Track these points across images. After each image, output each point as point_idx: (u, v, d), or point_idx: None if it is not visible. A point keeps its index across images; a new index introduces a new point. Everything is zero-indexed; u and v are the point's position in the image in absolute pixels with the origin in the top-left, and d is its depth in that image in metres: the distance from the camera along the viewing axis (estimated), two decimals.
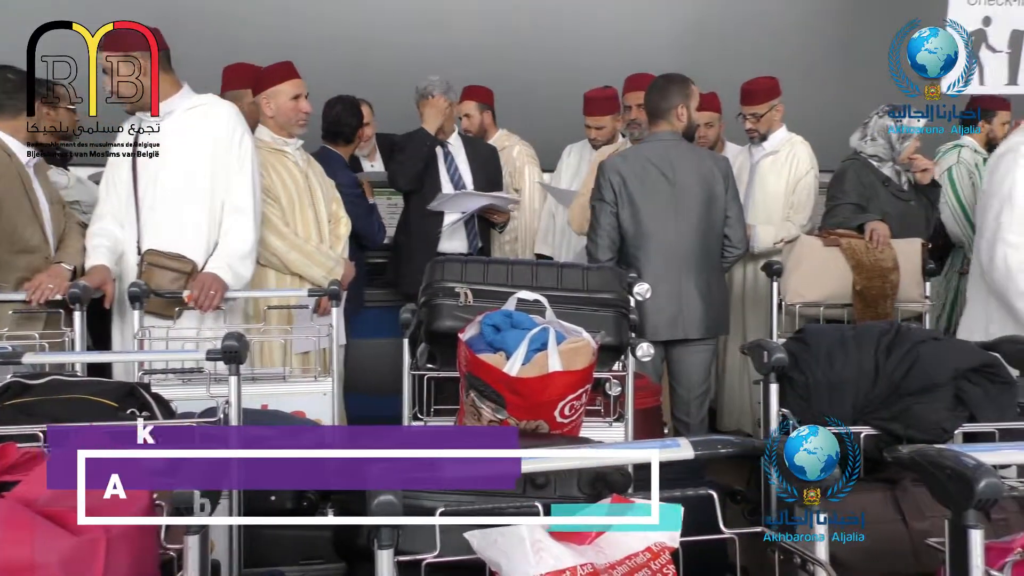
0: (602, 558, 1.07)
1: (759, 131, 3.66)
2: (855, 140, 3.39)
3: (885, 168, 3.29)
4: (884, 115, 3.30)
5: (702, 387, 3.10)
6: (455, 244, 3.63)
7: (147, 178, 2.61)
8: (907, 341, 1.74)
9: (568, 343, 1.76)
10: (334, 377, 2.49)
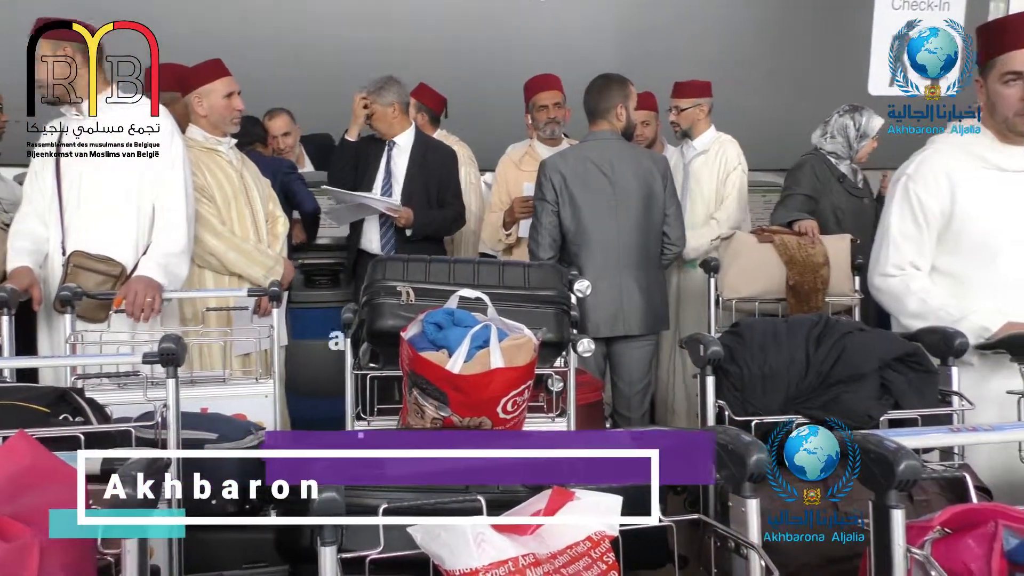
0: (544, 548, 1.09)
1: (680, 125, 3.77)
2: (816, 137, 3.54)
3: (842, 165, 3.44)
4: (845, 114, 3.47)
5: (643, 382, 3.16)
6: (369, 244, 3.58)
7: (71, 178, 2.54)
8: (835, 333, 1.80)
9: (510, 340, 1.77)
10: (276, 379, 2.46)
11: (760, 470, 1.12)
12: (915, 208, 2.08)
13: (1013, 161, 2.06)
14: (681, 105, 3.77)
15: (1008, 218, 2.04)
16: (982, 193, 2.05)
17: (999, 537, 1.13)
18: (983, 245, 2.04)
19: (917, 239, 2.09)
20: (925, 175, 2.09)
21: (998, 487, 1.80)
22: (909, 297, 2.07)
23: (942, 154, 2.10)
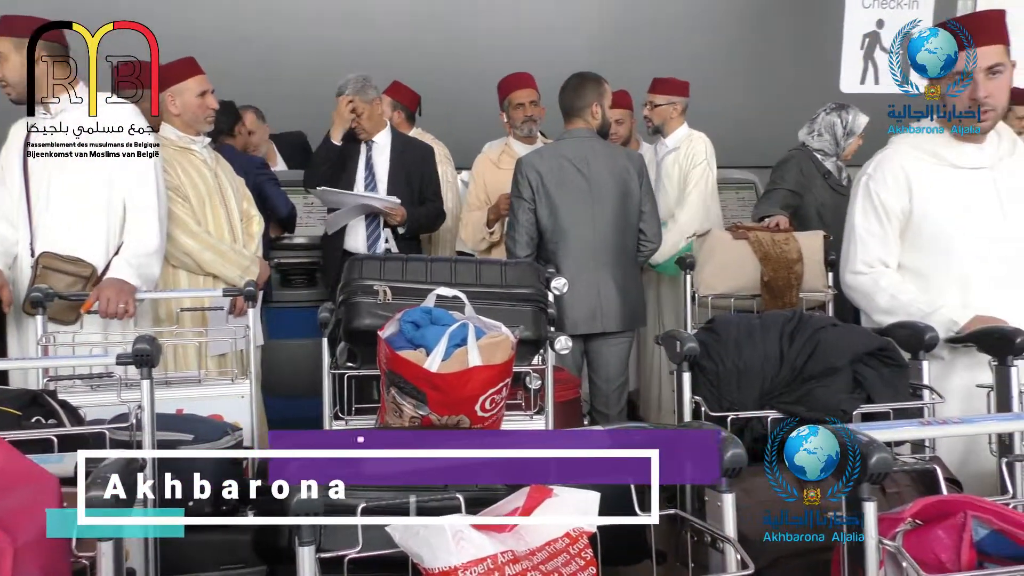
0: (522, 545, 1.10)
1: (652, 121, 3.80)
2: (803, 134, 3.59)
3: (828, 162, 3.49)
4: (832, 112, 3.53)
5: (620, 379, 3.18)
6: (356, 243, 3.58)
7: (40, 178, 2.50)
8: (808, 328, 1.82)
9: (487, 338, 1.78)
10: (252, 379, 2.45)
11: (735, 465, 1.14)
12: (876, 206, 2.13)
13: (966, 159, 2.10)
14: (656, 101, 3.80)
15: (963, 214, 2.08)
16: (937, 190, 2.09)
17: (968, 528, 1.16)
18: (940, 241, 2.08)
19: (882, 236, 2.13)
20: (884, 173, 2.13)
21: (968, 479, 1.84)
22: (879, 293, 2.11)
23: (900, 153, 2.14)
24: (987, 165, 2.10)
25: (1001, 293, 2.06)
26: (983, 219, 2.08)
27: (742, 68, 4.80)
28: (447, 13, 4.52)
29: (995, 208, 2.08)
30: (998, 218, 2.08)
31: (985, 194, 2.08)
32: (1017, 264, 2.09)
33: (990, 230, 2.07)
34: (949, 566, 1.14)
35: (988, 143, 2.11)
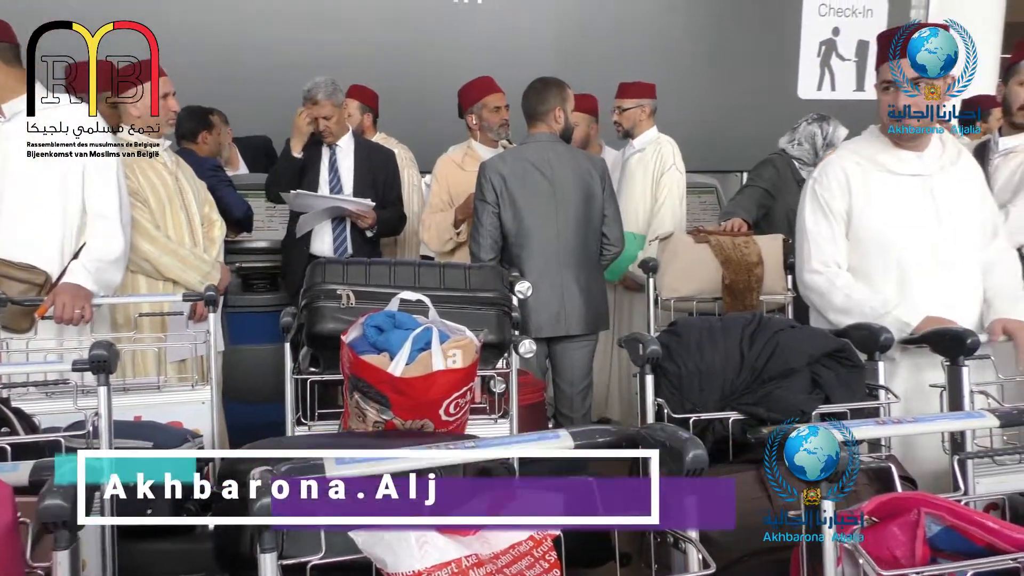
0: (486, 548, 1.10)
1: (622, 125, 3.84)
2: (783, 142, 3.67)
3: (804, 171, 3.55)
4: (813, 123, 3.61)
5: (584, 382, 3.20)
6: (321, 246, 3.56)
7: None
8: (768, 330, 1.85)
9: (451, 342, 1.78)
10: (213, 385, 2.41)
11: (697, 466, 1.15)
12: (824, 209, 2.20)
13: (902, 165, 2.17)
14: (624, 105, 3.84)
15: (899, 218, 2.15)
16: (875, 194, 2.16)
17: (922, 524, 1.19)
18: (878, 243, 2.16)
19: (831, 237, 2.20)
20: (828, 178, 2.20)
21: (923, 477, 1.88)
22: (834, 292, 2.16)
23: (842, 158, 2.22)
24: (926, 173, 2.17)
25: (937, 296, 2.13)
26: (919, 224, 2.15)
27: (703, 74, 4.86)
28: (410, 17, 4.51)
29: (931, 214, 2.15)
30: (933, 224, 2.15)
31: (922, 200, 2.15)
32: (951, 269, 2.16)
33: (926, 235, 2.15)
34: (904, 562, 1.17)
35: (929, 152, 2.18)
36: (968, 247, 2.19)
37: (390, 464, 1.17)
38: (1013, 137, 2.75)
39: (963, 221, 2.18)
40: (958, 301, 2.16)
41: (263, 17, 4.28)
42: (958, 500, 1.28)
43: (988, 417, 1.37)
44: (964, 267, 2.18)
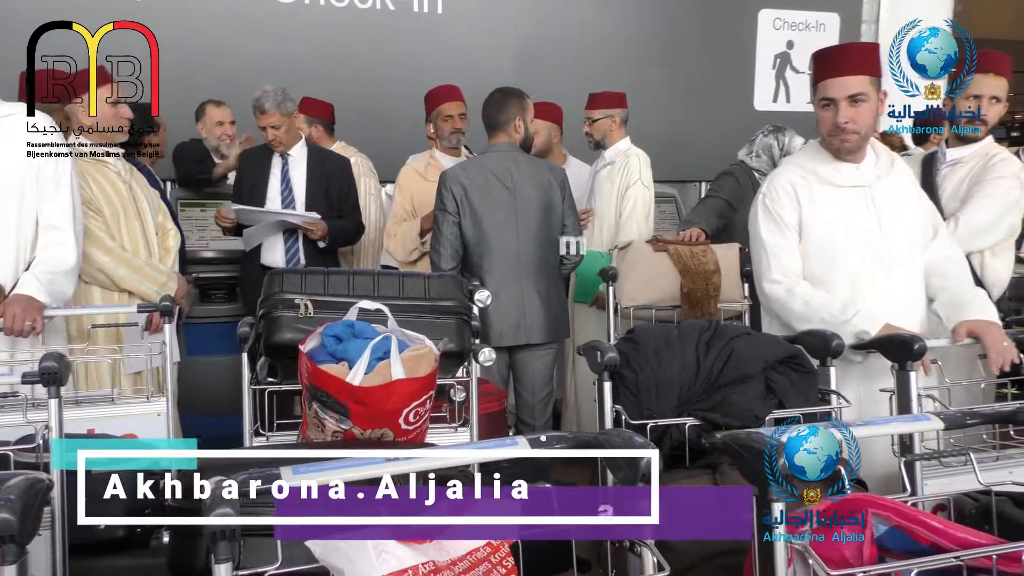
0: (444, 555, 1.10)
1: (593, 136, 3.87)
2: (742, 154, 3.72)
3: (763, 180, 3.59)
4: (769, 134, 3.67)
5: (546, 390, 3.21)
6: (273, 258, 3.54)
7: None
8: (723, 337, 1.89)
9: (410, 351, 1.78)
10: (169, 396, 2.38)
11: (651, 471, 1.17)
12: (777, 220, 2.25)
13: (842, 177, 2.25)
14: (593, 116, 3.86)
15: (845, 228, 2.22)
16: (819, 205, 2.23)
17: (869, 525, 1.22)
18: (827, 253, 2.22)
19: (787, 247, 2.25)
20: (777, 191, 2.27)
21: (876, 479, 1.93)
22: (793, 300, 2.21)
23: (787, 171, 2.29)
24: (865, 183, 2.25)
25: (884, 301, 2.19)
26: (863, 233, 2.22)
27: (661, 85, 4.93)
28: (370, 26, 4.50)
29: (873, 223, 2.23)
30: (877, 232, 2.23)
31: (864, 210, 2.23)
32: (896, 274, 2.24)
33: (870, 243, 2.22)
34: (852, 562, 1.20)
35: (866, 163, 2.26)
36: (910, 251, 2.27)
37: (347, 472, 1.17)
38: (959, 148, 2.83)
39: (904, 226, 2.26)
40: (903, 305, 2.23)
41: (220, 26, 4.24)
42: (904, 501, 1.31)
43: (934, 420, 1.41)
44: (908, 271, 2.26)
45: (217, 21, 4.18)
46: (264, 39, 4.35)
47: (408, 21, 4.54)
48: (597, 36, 4.83)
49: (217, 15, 4.21)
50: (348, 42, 4.44)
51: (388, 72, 4.42)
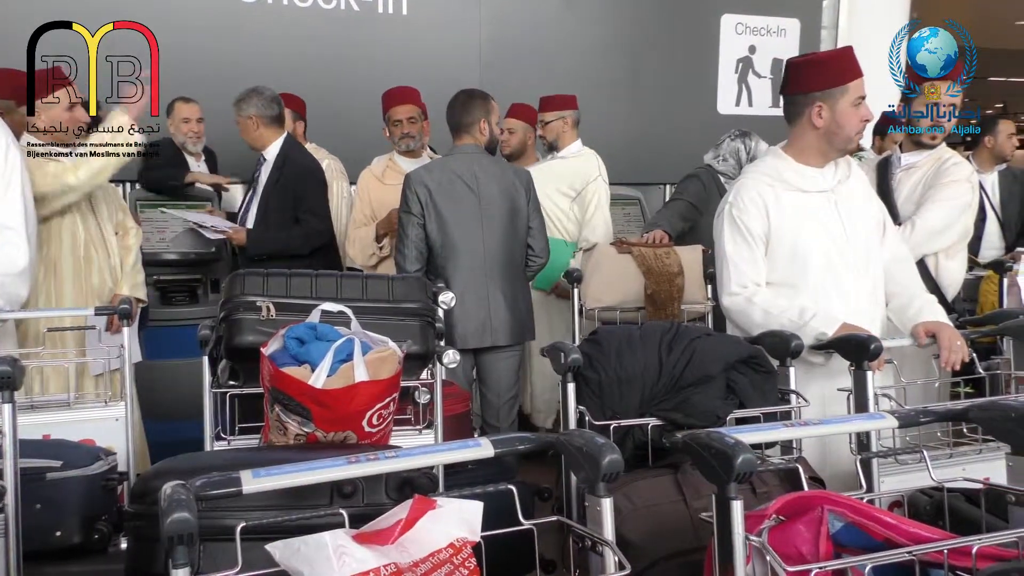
0: (406, 557, 1.10)
1: (547, 138, 3.91)
2: (708, 157, 3.76)
3: (729, 184, 3.63)
4: (736, 139, 3.71)
5: (511, 392, 3.22)
6: None
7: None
8: (685, 338, 1.90)
9: (374, 353, 1.77)
10: (128, 401, 2.34)
11: (612, 470, 1.17)
12: (743, 232, 2.26)
13: (808, 183, 2.28)
14: (546, 118, 3.90)
15: (813, 233, 2.25)
16: (790, 212, 2.25)
17: (825, 521, 1.24)
18: (795, 256, 2.25)
19: (751, 259, 2.26)
20: (744, 201, 2.27)
21: (837, 477, 1.96)
22: (753, 309, 2.23)
23: (755, 181, 2.29)
24: (828, 188, 2.28)
25: (850, 303, 2.24)
26: (830, 236, 2.26)
27: (627, 89, 4.97)
28: (335, 27, 4.47)
29: (838, 225, 2.27)
30: (841, 235, 2.27)
31: (829, 214, 2.27)
32: (860, 276, 2.28)
33: (836, 246, 2.26)
34: (809, 558, 1.22)
35: (827, 168, 2.30)
36: (871, 253, 2.31)
37: (310, 476, 1.17)
38: (914, 153, 2.90)
39: (865, 229, 2.31)
40: (867, 306, 2.28)
41: (179, 24, 4.18)
42: (860, 498, 1.33)
43: (888, 419, 1.44)
44: (870, 273, 2.30)
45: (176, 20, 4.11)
46: (226, 38, 4.31)
47: (373, 22, 4.53)
48: (562, 39, 4.85)
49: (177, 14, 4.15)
50: (312, 43, 4.41)
51: (352, 73, 4.40)
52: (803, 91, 2.22)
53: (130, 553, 1.50)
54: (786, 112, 2.31)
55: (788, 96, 2.28)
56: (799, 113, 2.24)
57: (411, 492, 1.48)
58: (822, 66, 2.23)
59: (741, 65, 5.17)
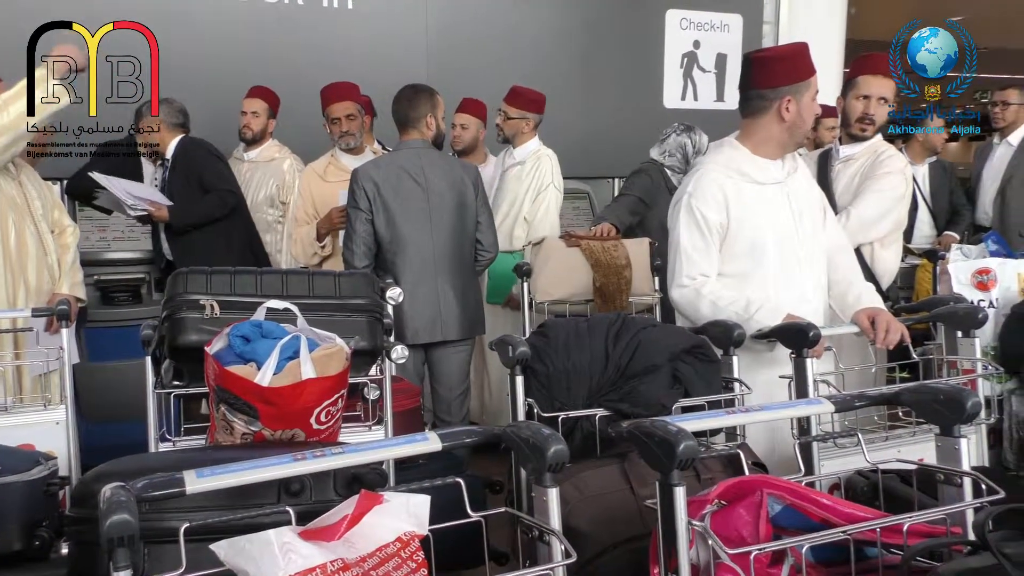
0: (353, 552, 1.10)
1: (504, 131, 3.93)
2: (655, 152, 3.80)
3: (675, 179, 3.68)
4: (682, 133, 3.76)
5: (462, 386, 3.23)
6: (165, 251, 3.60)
7: None
8: (631, 329, 1.93)
9: (321, 350, 1.76)
10: (68, 404, 2.29)
11: (557, 461, 1.19)
12: (700, 222, 2.28)
13: (765, 174, 2.32)
14: (509, 113, 3.89)
15: (769, 223, 2.29)
16: (747, 203, 2.29)
17: (764, 504, 1.27)
18: (753, 248, 2.28)
19: (705, 250, 2.28)
20: (704, 192, 2.29)
21: (784, 462, 2.01)
22: (701, 301, 2.26)
23: (714, 172, 2.31)
24: (781, 180, 2.33)
25: (799, 292, 2.30)
26: (784, 226, 2.31)
27: (573, 84, 4.99)
28: (279, 21, 4.40)
29: (790, 217, 2.32)
30: (792, 226, 2.32)
31: (783, 205, 2.31)
32: (809, 265, 2.35)
33: (789, 236, 2.31)
34: (749, 540, 1.25)
35: (779, 161, 2.35)
36: (817, 244, 2.37)
37: (254, 474, 1.16)
38: (851, 146, 2.98)
39: (811, 220, 2.36)
40: (812, 295, 2.34)
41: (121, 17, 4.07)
42: (799, 481, 1.38)
43: (825, 404, 1.48)
44: (818, 261, 2.37)
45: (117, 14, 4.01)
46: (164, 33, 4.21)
47: (317, 15, 4.47)
48: (509, 33, 4.85)
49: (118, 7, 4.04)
50: (255, 37, 4.34)
51: (297, 68, 4.33)
52: (772, 85, 2.24)
53: (72, 559, 1.47)
54: (748, 106, 2.31)
55: (753, 91, 2.29)
56: (765, 107, 2.26)
57: (360, 488, 1.48)
58: (790, 61, 2.27)
59: (686, 60, 5.24)
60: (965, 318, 2.29)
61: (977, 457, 2.24)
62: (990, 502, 1.30)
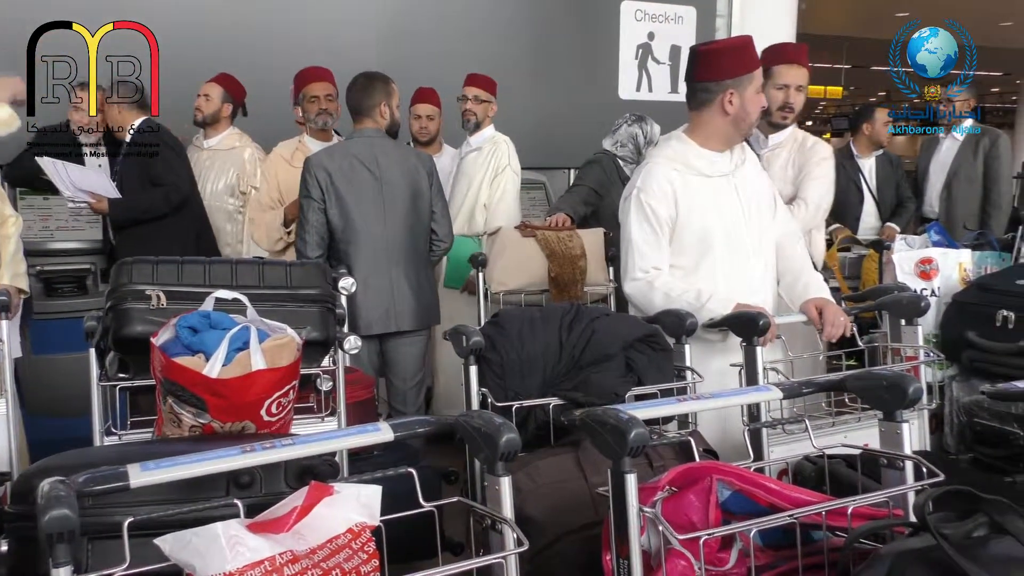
0: (302, 544, 1.09)
1: (476, 115, 3.87)
2: (607, 143, 3.81)
3: (628, 169, 3.70)
4: (633, 123, 3.77)
5: (417, 377, 3.21)
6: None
7: None
8: (584, 319, 1.94)
9: (271, 340, 1.74)
10: (8, 398, 2.22)
11: (510, 449, 1.19)
12: (649, 216, 2.30)
13: (713, 167, 2.35)
14: (481, 96, 3.86)
15: (717, 216, 2.32)
16: (695, 196, 2.31)
17: (714, 490, 1.29)
18: (702, 240, 2.31)
19: (655, 243, 2.31)
20: (652, 186, 2.30)
21: (736, 448, 2.03)
22: (654, 294, 2.28)
23: (661, 166, 2.33)
24: (728, 172, 2.36)
25: (748, 283, 2.34)
26: (732, 218, 2.34)
27: (529, 73, 4.98)
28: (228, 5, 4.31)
29: (738, 208, 2.35)
30: (742, 217, 2.35)
31: (731, 197, 2.35)
32: (758, 256, 2.38)
33: (737, 228, 2.34)
34: (699, 526, 1.27)
35: (727, 153, 2.38)
36: (765, 234, 2.41)
37: (201, 467, 1.14)
38: (778, 134, 3.05)
39: (759, 211, 2.40)
40: (761, 285, 2.38)
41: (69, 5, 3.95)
42: (747, 467, 1.40)
43: (773, 391, 1.51)
44: (765, 253, 2.40)
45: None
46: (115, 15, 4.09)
47: (266, 1, 4.38)
48: (461, 21, 4.82)
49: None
50: (205, 21, 4.24)
51: (246, 55, 4.24)
52: (715, 78, 2.26)
53: (12, 556, 1.43)
54: (694, 98, 2.33)
55: (698, 83, 2.30)
56: (709, 100, 2.28)
57: (311, 480, 1.46)
58: (733, 54, 2.28)
59: (641, 51, 5.27)
60: (908, 306, 2.35)
61: (919, 441, 2.30)
62: (931, 485, 1.34)
